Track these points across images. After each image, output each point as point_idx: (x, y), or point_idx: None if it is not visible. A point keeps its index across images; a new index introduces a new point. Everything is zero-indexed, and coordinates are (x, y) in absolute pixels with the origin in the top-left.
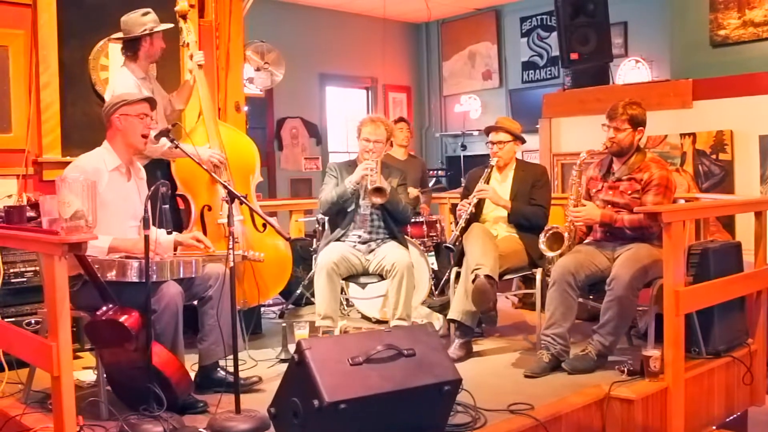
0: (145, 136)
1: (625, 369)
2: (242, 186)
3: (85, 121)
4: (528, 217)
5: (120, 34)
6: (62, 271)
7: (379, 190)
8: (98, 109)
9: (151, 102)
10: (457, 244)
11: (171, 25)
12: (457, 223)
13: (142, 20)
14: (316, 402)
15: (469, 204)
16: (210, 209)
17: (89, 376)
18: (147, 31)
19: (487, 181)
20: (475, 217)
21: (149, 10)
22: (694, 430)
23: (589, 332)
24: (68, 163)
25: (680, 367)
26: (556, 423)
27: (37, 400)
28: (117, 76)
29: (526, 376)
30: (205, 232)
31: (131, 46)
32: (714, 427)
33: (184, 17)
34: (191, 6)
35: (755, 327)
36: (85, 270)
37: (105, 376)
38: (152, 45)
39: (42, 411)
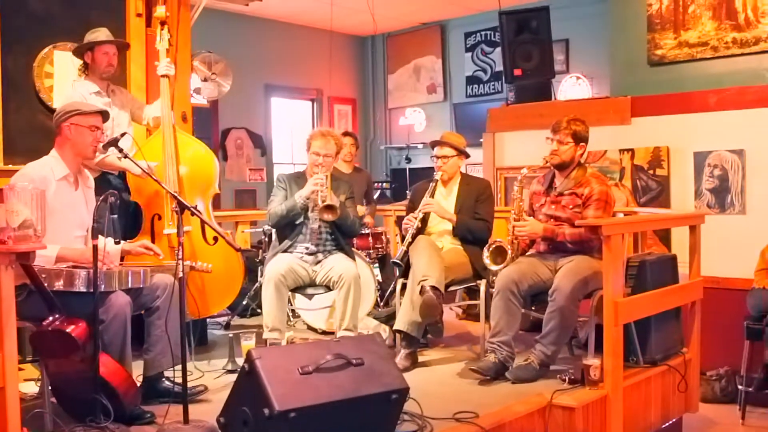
0: (94, 148)
1: (567, 378)
2: (198, 198)
3: (28, 128)
4: (472, 231)
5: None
6: (8, 281)
7: (330, 208)
8: (42, 117)
9: (104, 115)
10: (404, 258)
11: (108, 40)
12: (403, 238)
13: (88, 36)
14: (266, 410)
15: (416, 219)
16: (159, 218)
17: (31, 388)
18: (88, 42)
19: (432, 195)
20: (421, 230)
21: (101, 28)
22: None
23: (532, 342)
24: (10, 171)
25: (619, 375)
26: (501, 430)
27: None
28: (69, 87)
29: (472, 371)
30: (153, 241)
31: (79, 59)
32: None
33: (162, 24)
34: (167, 15)
35: (690, 336)
36: (31, 280)
37: (50, 387)
38: (93, 59)
39: None
